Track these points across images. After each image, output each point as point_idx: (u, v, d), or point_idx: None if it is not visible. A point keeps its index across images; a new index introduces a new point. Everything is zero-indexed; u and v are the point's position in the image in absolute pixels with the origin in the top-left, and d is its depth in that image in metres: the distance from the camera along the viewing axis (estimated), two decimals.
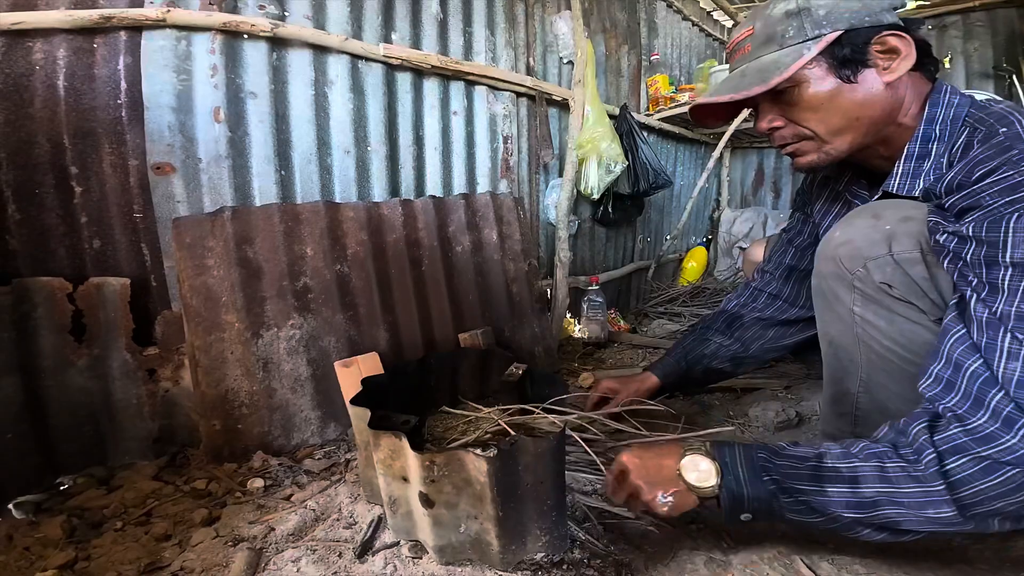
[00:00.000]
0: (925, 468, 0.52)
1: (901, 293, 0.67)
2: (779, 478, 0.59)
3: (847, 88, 0.67)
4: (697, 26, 2.82)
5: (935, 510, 0.52)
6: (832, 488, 0.56)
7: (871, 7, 0.66)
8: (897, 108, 0.68)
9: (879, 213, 0.69)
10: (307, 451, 1.04)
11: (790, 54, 0.66)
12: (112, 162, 1.01)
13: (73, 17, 0.94)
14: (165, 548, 0.71)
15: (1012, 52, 2.28)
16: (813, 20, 0.66)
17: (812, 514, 0.58)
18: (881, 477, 0.55)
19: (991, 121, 0.60)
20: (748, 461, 0.60)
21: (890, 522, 0.55)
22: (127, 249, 1.04)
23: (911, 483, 0.53)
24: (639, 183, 2.00)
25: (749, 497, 0.59)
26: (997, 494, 0.50)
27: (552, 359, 1.54)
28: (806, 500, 0.58)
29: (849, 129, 0.69)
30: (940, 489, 0.52)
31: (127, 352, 1.00)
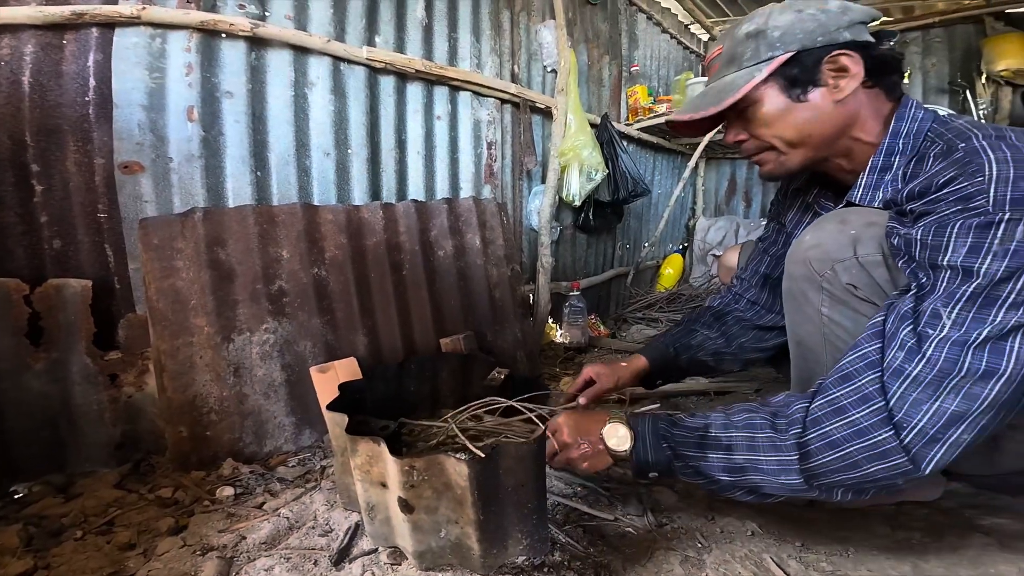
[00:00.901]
0: (786, 439, 0.60)
1: (865, 294, 0.70)
2: (674, 446, 0.67)
3: (798, 106, 0.71)
4: (675, 39, 2.92)
5: (787, 478, 0.60)
6: (712, 455, 0.64)
7: (827, 26, 0.68)
8: (851, 124, 0.71)
9: (845, 218, 0.72)
10: (280, 458, 1.01)
11: (744, 76, 0.71)
12: (77, 160, 0.97)
13: (44, 13, 0.91)
14: (129, 557, 0.68)
15: (967, 68, 2.45)
16: (768, 42, 0.70)
17: (698, 477, 0.66)
18: (750, 446, 0.62)
19: (950, 136, 0.63)
20: (654, 431, 0.69)
21: (755, 486, 0.63)
22: (89, 250, 1.00)
23: (772, 452, 0.60)
24: (619, 191, 2.04)
25: (652, 461, 0.68)
26: (838, 468, 0.57)
27: (534, 364, 1.55)
28: (694, 465, 0.66)
29: (802, 144, 0.73)
30: (793, 459, 0.59)
31: (87, 356, 0.96)
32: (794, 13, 0.70)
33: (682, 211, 3.17)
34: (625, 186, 2.05)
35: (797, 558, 0.68)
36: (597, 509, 0.78)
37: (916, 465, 0.55)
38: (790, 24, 0.70)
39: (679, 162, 3.01)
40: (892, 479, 0.57)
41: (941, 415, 0.54)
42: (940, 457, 0.55)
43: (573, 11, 2.05)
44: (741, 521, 0.77)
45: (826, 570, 0.65)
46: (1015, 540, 0.71)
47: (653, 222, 2.81)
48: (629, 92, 2.46)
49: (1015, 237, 0.52)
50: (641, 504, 0.80)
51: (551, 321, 1.90)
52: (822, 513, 0.80)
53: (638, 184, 2.07)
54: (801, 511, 0.81)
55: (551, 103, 1.85)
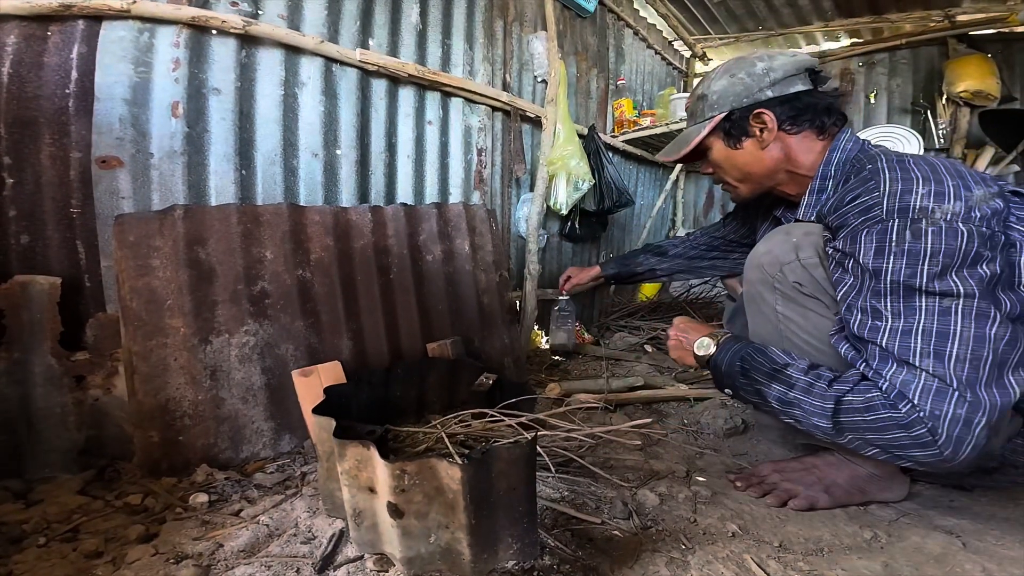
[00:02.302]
0: (831, 393, 0.71)
1: (810, 291, 0.82)
2: (747, 367, 0.80)
3: (735, 153, 0.92)
4: (659, 55, 3.02)
5: (818, 420, 0.72)
6: (776, 385, 0.77)
7: (751, 88, 0.86)
8: (783, 163, 0.89)
9: (789, 230, 0.87)
10: (258, 464, 0.98)
11: (695, 130, 0.93)
12: (52, 153, 0.94)
13: (31, 4, 0.89)
14: (97, 565, 0.65)
15: (929, 89, 2.60)
16: (708, 104, 0.91)
17: (756, 396, 0.80)
18: (806, 389, 0.74)
19: (864, 159, 0.78)
20: (737, 351, 0.83)
21: (795, 419, 0.76)
22: (59, 246, 0.96)
23: (818, 399, 0.72)
24: (604, 201, 2.08)
25: (724, 371, 0.84)
26: (872, 429, 0.68)
27: (521, 370, 1.55)
28: (756, 387, 0.79)
29: (745, 180, 0.94)
30: (829, 408, 0.71)
31: (52, 357, 0.91)
32: (728, 78, 0.89)
33: (663, 222, 3.25)
34: (610, 196, 2.09)
35: (776, 558, 0.70)
36: (584, 513, 0.78)
37: (934, 437, 0.63)
38: (723, 88, 0.89)
39: (661, 175, 3.09)
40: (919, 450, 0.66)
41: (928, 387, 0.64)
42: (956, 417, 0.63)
43: (564, 24, 2.10)
44: (722, 523, 0.79)
45: (803, 569, 0.67)
46: (976, 540, 0.75)
47: (636, 232, 2.87)
48: (615, 105, 2.52)
49: (906, 238, 0.66)
50: (626, 507, 0.81)
51: (537, 328, 1.91)
52: (792, 515, 0.83)
53: (623, 195, 2.12)
54: (776, 512, 0.83)
55: (541, 112, 1.88)
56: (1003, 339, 0.63)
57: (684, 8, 2.94)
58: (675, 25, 3.03)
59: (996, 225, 0.65)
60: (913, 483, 0.91)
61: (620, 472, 0.96)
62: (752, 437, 1.19)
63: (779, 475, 0.91)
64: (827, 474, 0.88)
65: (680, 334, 0.95)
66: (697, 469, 1.00)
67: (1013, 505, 0.86)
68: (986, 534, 0.77)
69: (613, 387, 1.42)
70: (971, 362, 0.63)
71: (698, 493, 0.88)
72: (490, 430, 0.85)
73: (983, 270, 0.64)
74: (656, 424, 1.24)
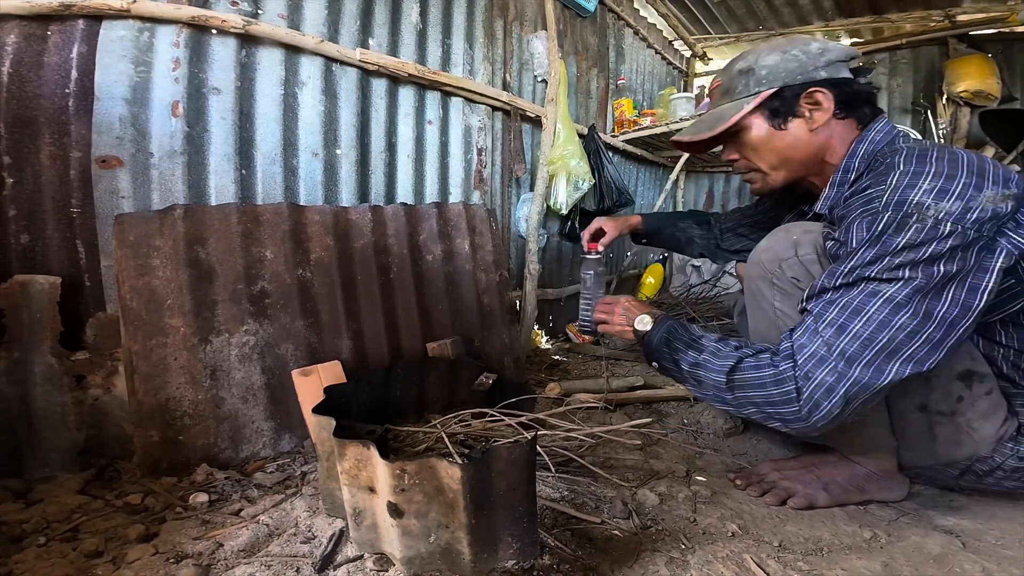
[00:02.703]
0: (736, 354, 0.75)
1: (805, 286, 0.82)
2: (671, 339, 0.84)
3: (779, 134, 0.84)
4: (660, 54, 3.02)
5: (716, 376, 0.76)
6: (691, 352, 0.80)
7: (806, 66, 0.80)
8: (823, 150, 0.84)
9: (789, 228, 0.87)
10: (258, 464, 0.98)
11: (735, 107, 0.85)
12: (52, 153, 0.94)
13: (32, 3, 0.89)
14: (97, 565, 0.65)
15: (929, 89, 2.60)
16: (756, 79, 0.83)
17: (673, 364, 0.83)
18: (713, 352, 0.78)
19: (888, 153, 0.76)
20: (668, 327, 0.86)
21: (699, 380, 0.79)
22: (59, 246, 0.96)
23: (721, 359, 0.77)
24: (604, 201, 2.08)
25: (654, 345, 0.86)
26: (751, 385, 0.73)
27: (521, 370, 1.55)
28: (674, 357, 0.82)
29: (782, 166, 0.87)
30: (728, 364, 0.75)
31: (52, 356, 0.91)
32: (779, 54, 0.82)
33: None
34: (610, 196, 2.09)
35: (776, 557, 0.70)
36: (584, 512, 0.78)
37: (799, 396, 0.69)
38: (775, 64, 0.82)
39: (661, 174, 3.09)
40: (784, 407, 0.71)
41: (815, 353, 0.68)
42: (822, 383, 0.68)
43: (564, 23, 2.10)
44: (722, 523, 0.79)
45: (803, 569, 0.67)
46: (976, 539, 0.75)
47: None
48: (615, 104, 2.52)
49: (889, 229, 0.66)
50: (626, 507, 0.81)
51: (537, 328, 1.91)
52: (792, 514, 0.83)
53: (623, 194, 2.12)
54: (776, 512, 0.83)
55: (541, 112, 1.88)
56: (906, 329, 0.65)
57: (684, 8, 2.94)
58: (675, 25, 3.02)
59: (988, 229, 0.65)
60: (913, 483, 0.91)
61: (620, 472, 0.96)
62: (752, 437, 1.19)
63: (778, 474, 0.91)
64: (826, 473, 0.88)
65: (627, 312, 0.96)
66: (697, 469, 1.01)
67: (1012, 505, 0.86)
68: (985, 534, 0.77)
69: (613, 387, 1.42)
70: (863, 341, 0.66)
71: (698, 493, 0.88)
72: (490, 430, 0.85)
73: (941, 267, 0.64)
74: (656, 424, 1.24)
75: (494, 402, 0.96)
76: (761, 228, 1.22)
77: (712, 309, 2.43)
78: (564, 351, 1.97)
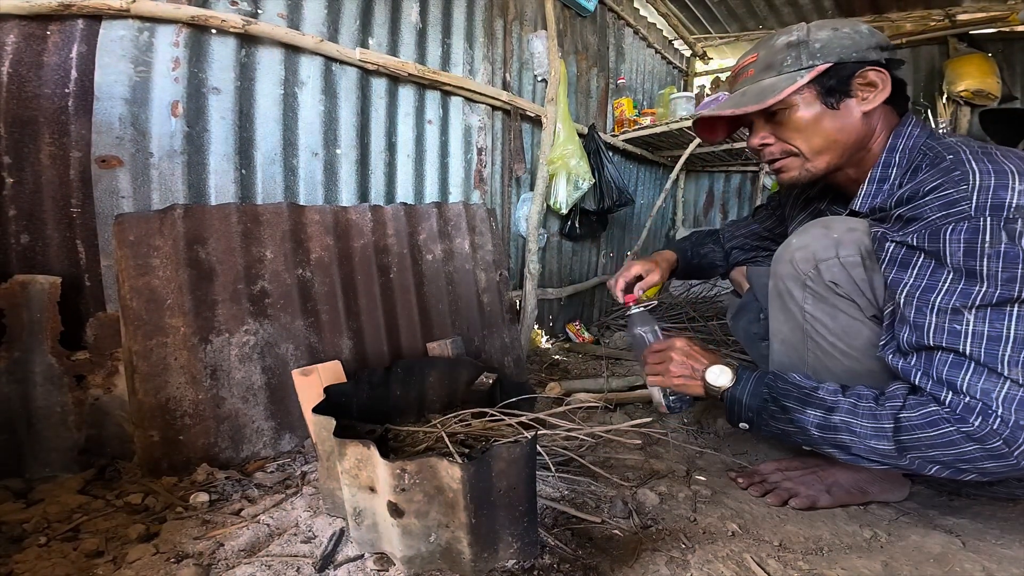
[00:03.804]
0: (885, 411, 0.66)
1: (845, 291, 0.77)
2: (775, 395, 0.74)
3: (830, 114, 0.77)
4: (660, 54, 3.01)
5: (877, 443, 0.66)
6: (812, 412, 0.70)
7: (859, 44, 0.75)
8: (869, 135, 0.78)
9: (828, 224, 0.80)
10: (258, 464, 0.98)
11: (785, 80, 0.76)
12: (51, 153, 0.94)
13: (31, 3, 0.89)
14: (98, 565, 0.65)
15: (930, 88, 2.59)
16: (809, 51, 0.75)
17: (789, 424, 0.72)
18: (850, 411, 0.68)
19: (940, 149, 0.70)
20: (759, 378, 0.76)
21: (844, 445, 0.69)
22: (59, 245, 0.96)
23: (869, 420, 0.67)
24: (604, 200, 2.08)
25: (746, 403, 0.76)
26: (931, 444, 0.63)
27: (521, 369, 1.55)
28: (788, 416, 0.72)
29: (828, 150, 0.79)
30: (888, 427, 0.65)
31: (52, 356, 0.91)
32: (832, 30, 0.76)
33: (663, 221, 3.24)
34: (610, 195, 2.09)
35: (776, 557, 0.70)
36: (585, 512, 0.78)
37: (1010, 448, 0.59)
38: (829, 39, 0.75)
39: (661, 174, 3.09)
40: (992, 462, 0.61)
41: (1013, 396, 0.59)
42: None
43: (564, 23, 2.10)
44: (722, 522, 0.79)
45: (803, 568, 0.67)
46: (976, 539, 0.75)
47: (636, 231, 2.86)
48: (615, 104, 2.51)
49: (1001, 239, 0.59)
50: (626, 506, 0.81)
51: (537, 327, 1.91)
52: (792, 514, 0.83)
53: (623, 194, 2.12)
54: (776, 511, 0.83)
55: (541, 112, 1.88)
56: None
57: (684, 7, 2.93)
58: (675, 24, 3.02)
59: None
60: (913, 483, 0.91)
61: (620, 471, 0.96)
62: (752, 436, 1.19)
63: (780, 474, 0.91)
64: (829, 474, 0.88)
65: (684, 358, 0.82)
66: (697, 468, 1.01)
67: (1012, 505, 0.86)
68: (986, 533, 0.77)
69: (613, 386, 1.42)
70: None
71: (698, 492, 0.88)
72: (490, 429, 0.85)
73: None
74: (656, 423, 1.24)
75: (494, 402, 0.96)
76: (771, 241, 1.16)
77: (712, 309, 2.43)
78: (564, 351, 1.97)
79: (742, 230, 1.22)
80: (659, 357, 0.86)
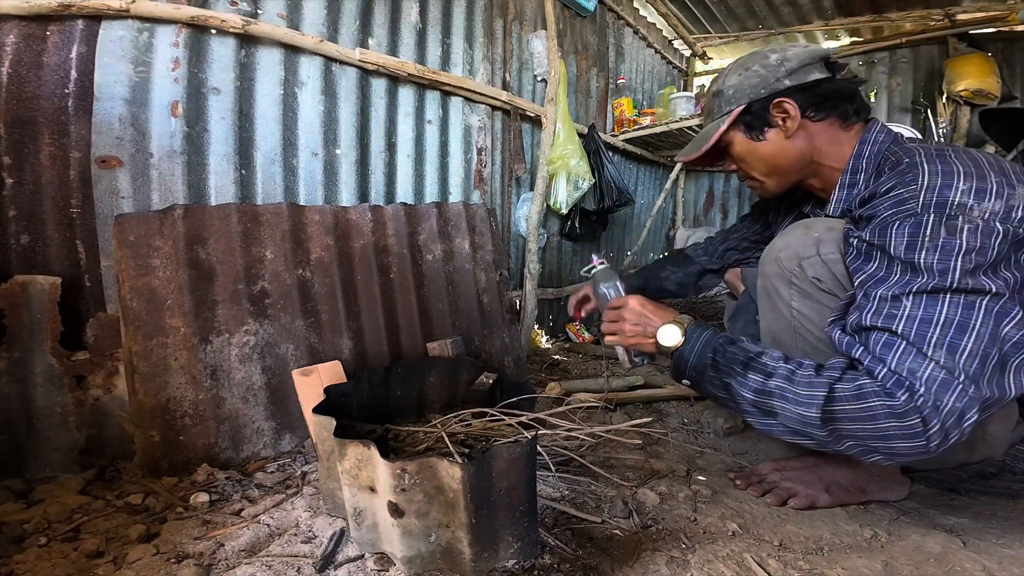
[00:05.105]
0: (822, 380, 0.67)
1: (828, 287, 0.81)
2: (719, 359, 0.75)
3: (759, 144, 0.87)
4: (659, 54, 3.01)
5: (805, 410, 0.67)
6: (752, 376, 0.72)
7: (767, 80, 0.83)
8: (809, 153, 0.85)
9: (809, 225, 0.85)
10: (258, 464, 0.98)
11: (714, 127, 0.89)
12: (51, 153, 0.94)
13: (31, 4, 0.89)
14: (98, 565, 0.65)
15: (929, 88, 2.59)
16: (725, 99, 0.87)
17: (722, 391, 0.75)
18: (787, 377, 0.69)
19: (901, 154, 0.75)
20: (708, 340, 0.78)
21: (771, 411, 0.70)
22: (59, 246, 0.96)
23: (805, 387, 0.68)
24: (604, 200, 2.08)
25: (691, 363, 0.78)
26: (855, 417, 0.64)
27: (521, 369, 1.55)
28: (728, 381, 0.74)
29: (773, 172, 0.89)
30: (820, 395, 0.66)
31: (52, 356, 0.91)
32: (742, 72, 0.86)
33: (663, 221, 3.24)
34: (610, 195, 2.09)
35: (776, 557, 0.70)
36: (585, 512, 0.79)
37: (925, 427, 0.61)
38: (738, 83, 0.86)
39: (661, 174, 3.09)
40: (904, 441, 0.63)
41: (935, 377, 0.61)
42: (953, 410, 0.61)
43: (564, 23, 2.10)
44: (722, 522, 0.79)
45: (803, 568, 0.67)
46: (976, 538, 0.75)
47: (636, 231, 2.86)
48: (615, 104, 2.51)
49: (941, 234, 0.63)
50: (627, 506, 0.81)
51: (537, 327, 1.91)
52: (792, 513, 0.83)
53: (623, 194, 2.12)
54: (776, 511, 0.83)
55: (541, 112, 1.88)
56: (1012, 340, 0.63)
57: (684, 7, 2.93)
58: (675, 24, 3.02)
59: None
60: (913, 483, 0.91)
61: (620, 471, 0.96)
62: (752, 436, 1.19)
63: (779, 474, 0.91)
64: (828, 473, 0.88)
65: (638, 318, 0.85)
66: (697, 468, 1.01)
67: (1013, 504, 0.86)
68: (986, 533, 0.77)
69: (613, 386, 1.43)
70: (980, 358, 0.61)
71: (698, 492, 0.88)
72: (490, 429, 0.85)
73: (1013, 272, 0.63)
74: (656, 423, 1.24)
75: (494, 402, 0.96)
76: (756, 246, 1.22)
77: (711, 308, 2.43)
78: (564, 350, 1.97)
79: (738, 239, 1.27)
80: (614, 315, 0.88)
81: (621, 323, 0.87)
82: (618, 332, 0.87)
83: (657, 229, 3.16)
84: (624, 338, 0.86)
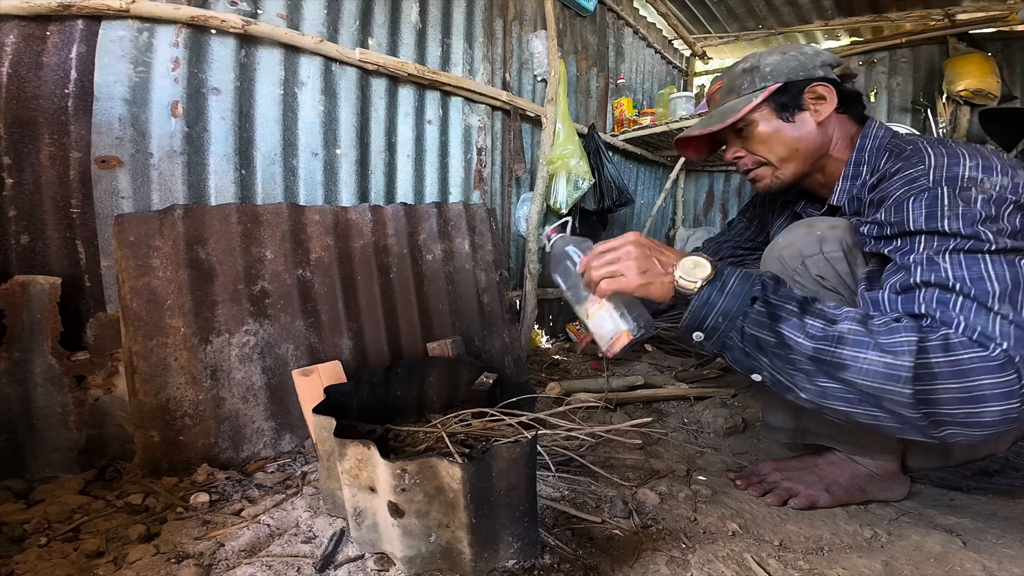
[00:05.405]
0: (902, 326, 0.57)
1: (831, 284, 0.81)
2: (770, 296, 0.61)
3: (787, 126, 0.87)
4: (659, 53, 3.01)
5: (893, 359, 0.55)
6: (810, 319, 0.60)
7: (806, 64, 0.86)
8: (828, 142, 0.88)
9: (812, 223, 0.85)
10: (258, 464, 0.98)
11: (743, 101, 0.88)
12: (51, 153, 0.94)
13: (30, 3, 0.89)
14: (98, 565, 0.65)
15: (929, 88, 2.59)
16: (760, 75, 0.87)
17: (770, 333, 0.60)
18: (861, 322, 0.59)
19: (902, 144, 0.79)
20: (745, 278, 0.63)
21: (840, 362, 0.57)
22: (59, 246, 0.96)
23: (884, 334, 0.57)
24: (604, 200, 2.08)
25: (719, 308, 0.62)
26: (951, 373, 0.54)
27: (521, 369, 1.55)
28: (777, 324, 0.60)
29: (792, 158, 0.89)
30: (911, 341, 0.55)
31: (52, 356, 0.91)
32: (780, 54, 0.88)
33: (663, 221, 3.24)
34: (610, 195, 2.09)
35: (776, 557, 0.70)
36: (585, 512, 0.79)
37: (1022, 382, 0.53)
38: (777, 62, 0.87)
39: (661, 174, 3.09)
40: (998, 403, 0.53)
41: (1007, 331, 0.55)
42: None
43: (564, 22, 2.10)
44: (722, 522, 0.79)
45: (804, 568, 0.67)
46: (977, 538, 0.75)
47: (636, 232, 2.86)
48: (615, 104, 2.51)
49: (958, 204, 0.63)
50: (627, 506, 0.81)
51: (537, 327, 1.91)
52: (792, 513, 0.83)
53: (623, 194, 2.12)
54: (776, 511, 0.83)
55: (541, 112, 1.88)
56: None
57: (684, 7, 2.93)
58: (675, 24, 3.02)
59: None
60: (913, 482, 0.91)
61: (620, 471, 0.96)
62: (752, 436, 1.19)
63: (780, 474, 0.91)
64: (828, 473, 0.88)
65: (650, 254, 0.66)
66: (697, 468, 1.01)
67: (1013, 504, 0.86)
68: (986, 533, 0.77)
69: (613, 386, 1.43)
70: None
71: (698, 492, 0.88)
72: (490, 429, 0.85)
73: None
74: (656, 423, 1.24)
75: (494, 401, 0.96)
76: (748, 252, 1.22)
77: None
78: (564, 350, 1.97)
79: (733, 247, 1.26)
80: (612, 256, 0.67)
81: (624, 262, 0.66)
82: (621, 274, 0.66)
83: (657, 229, 3.15)
84: (632, 279, 0.65)
